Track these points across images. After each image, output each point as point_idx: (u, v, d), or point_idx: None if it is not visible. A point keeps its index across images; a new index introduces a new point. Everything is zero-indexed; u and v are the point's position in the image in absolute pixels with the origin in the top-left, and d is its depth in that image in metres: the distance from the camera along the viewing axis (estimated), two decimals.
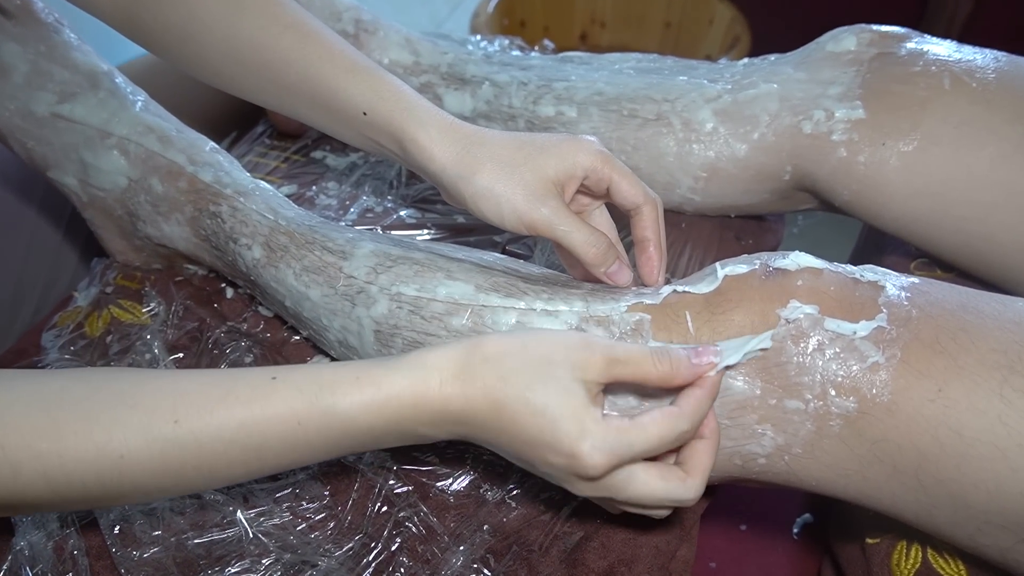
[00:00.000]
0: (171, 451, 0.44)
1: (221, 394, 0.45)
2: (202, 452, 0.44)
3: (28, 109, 0.71)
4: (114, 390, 0.45)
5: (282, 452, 0.46)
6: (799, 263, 0.53)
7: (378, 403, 0.45)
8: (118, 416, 0.44)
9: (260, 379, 0.46)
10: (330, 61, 0.58)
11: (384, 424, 0.46)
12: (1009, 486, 0.46)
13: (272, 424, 0.45)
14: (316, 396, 0.45)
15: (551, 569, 0.56)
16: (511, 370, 0.45)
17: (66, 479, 0.43)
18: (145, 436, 0.43)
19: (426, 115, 0.57)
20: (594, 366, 0.45)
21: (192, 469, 0.45)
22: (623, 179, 0.56)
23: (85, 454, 0.43)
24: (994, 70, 0.66)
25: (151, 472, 0.44)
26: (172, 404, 0.44)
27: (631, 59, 0.84)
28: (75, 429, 0.43)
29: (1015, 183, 0.63)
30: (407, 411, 0.46)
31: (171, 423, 0.44)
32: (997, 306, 0.50)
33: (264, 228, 0.67)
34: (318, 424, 0.45)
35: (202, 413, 0.44)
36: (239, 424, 0.44)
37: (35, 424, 0.43)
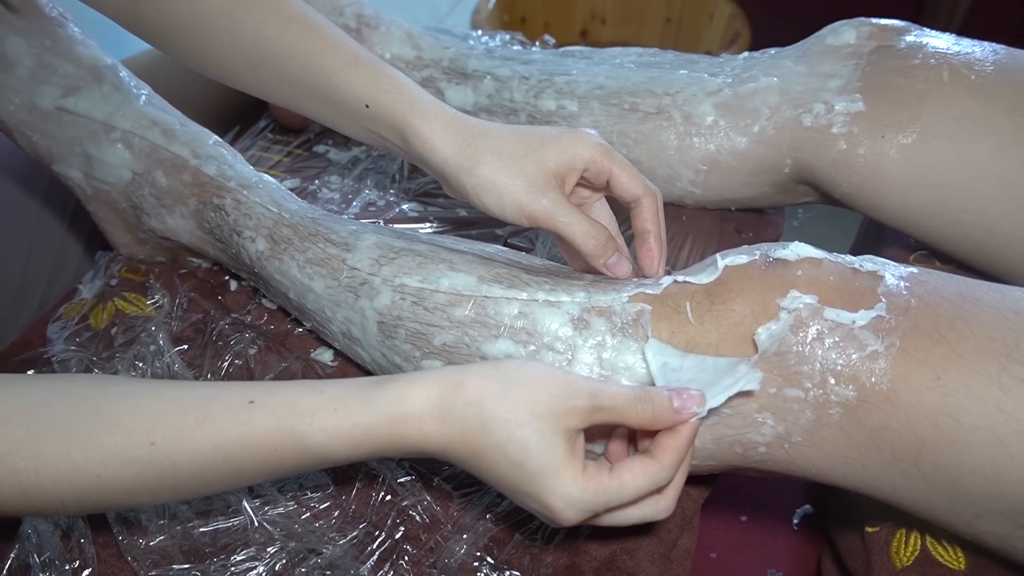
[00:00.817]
0: (147, 472, 0.45)
1: (199, 417, 0.45)
2: (179, 474, 0.45)
3: (33, 103, 0.72)
4: (93, 408, 0.45)
5: (258, 474, 0.47)
6: (799, 253, 0.53)
7: (355, 437, 0.46)
8: (95, 438, 0.44)
9: (238, 403, 0.46)
10: (332, 54, 0.59)
11: (362, 454, 0.47)
12: (1007, 472, 0.46)
13: (248, 450, 0.45)
14: (293, 427, 0.45)
15: (553, 557, 0.57)
16: (493, 418, 0.45)
17: (43, 496, 0.44)
18: (122, 458, 0.44)
19: (428, 108, 0.57)
20: (576, 415, 0.46)
21: (169, 488, 0.46)
22: (623, 172, 0.57)
23: (62, 474, 0.44)
24: (992, 63, 0.66)
25: (127, 490, 0.45)
26: (149, 426, 0.45)
27: (632, 53, 0.84)
28: (53, 448, 0.44)
29: (1013, 175, 0.63)
30: (385, 443, 0.46)
31: (147, 445, 0.44)
32: (995, 295, 0.51)
33: (268, 221, 0.68)
34: (295, 453, 0.46)
35: (179, 437, 0.45)
36: (215, 448, 0.45)
37: (13, 439, 0.43)
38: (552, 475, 0.45)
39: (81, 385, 0.47)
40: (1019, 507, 0.47)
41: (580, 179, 0.58)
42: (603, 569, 0.56)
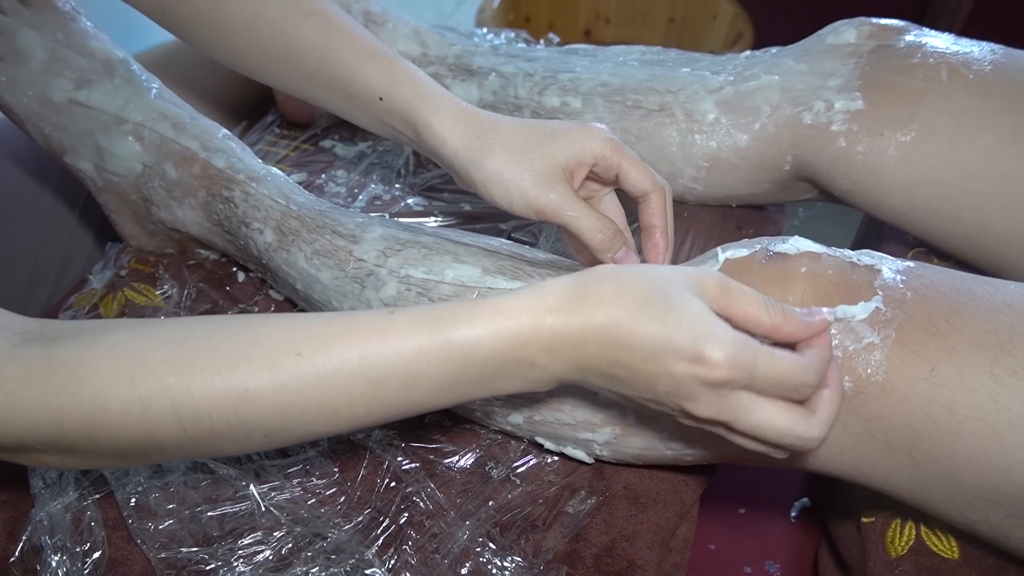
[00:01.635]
0: (294, 384, 0.44)
1: (341, 328, 0.45)
2: (324, 385, 0.44)
3: (45, 95, 0.73)
4: (235, 329, 0.45)
5: (402, 387, 0.45)
6: (798, 247, 0.54)
7: (496, 327, 0.44)
8: (242, 351, 0.44)
9: (378, 314, 0.46)
10: (348, 48, 0.60)
11: (503, 351, 0.44)
12: (999, 462, 0.47)
13: (393, 355, 0.44)
14: (435, 325, 0.44)
15: (554, 543, 0.58)
16: (629, 284, 0.44)
17: (194, 413, 0.43)
18: (269, 369, 0.43)
19: (440, 101, 0.59)
20: (710, 289, 0.44)
21: (315, 405, 0.44)
22: (632, 166, 0.58)
23: (211, 388, 0.43)
24: (990, 62, 0.67)
25: (275, 407, 0.44)
26: (294, 339, 0.44)
27: (635, 51, 0.85)
28: (201, 364, 0.43)
29: (1010, 172, 0.64)
30: (525, 334, 0.44)
31: (294, 356, 0.44)
32: (989, 288, 0.52)
33: (276, 213, 0.69)
34: (438, 353, 0.44)
35: (324, 346, 0.44)
36: (360, 356, 0.44)
37: (162, 358, 0.43)
38: (698, 319, 0.42)
39: (218, 318, 0.48)
40: (1011, 496, 0.48)
41: (589, 173, 0.59)
42: (603, 555, 0.58)
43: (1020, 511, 0.48)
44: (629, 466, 0.62)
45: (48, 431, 0.43)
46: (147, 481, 0.60)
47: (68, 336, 0.45)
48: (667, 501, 0.61)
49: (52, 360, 0.43)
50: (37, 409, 0.42)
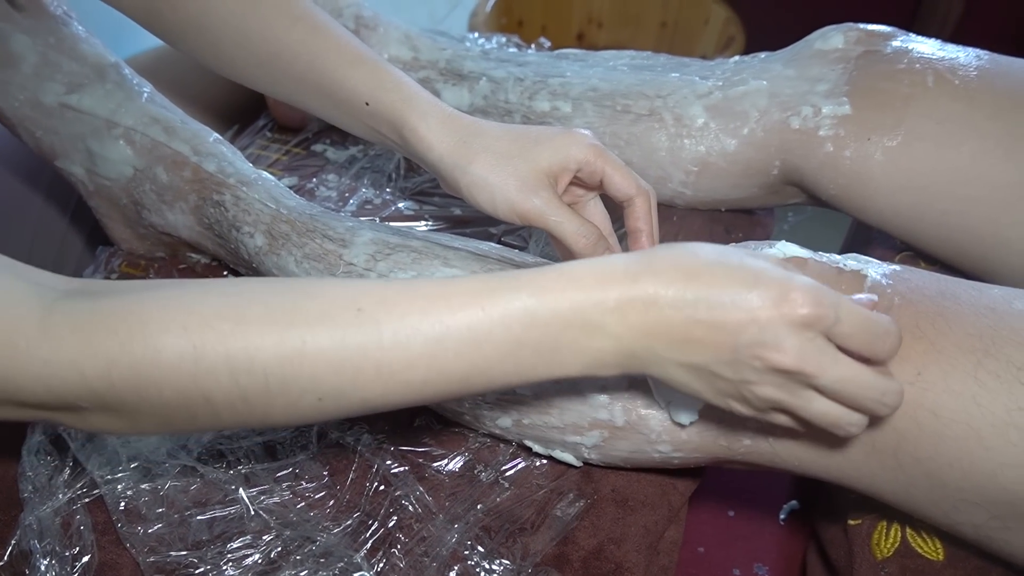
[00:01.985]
0: (353, 339, 0.42)
1: (402, 288, 0.44)
2: (383, 343, 0.42)
3: (37, 99, 0.73)
4: (293, 284, 0.45)
5: (463, 349, 0.43)
6: (785, 252, 0.55)
7: (563, 286, 0.43)
8: (300, 304, 0.43)
9: (439, 279, 0.45)
10: (336, 53, 0.60)
11: (568, 311, 0.43)
12: (982, 464, 0.48)
13: (455, 313, 0.43)
14: (499, 284, 0.43)
15: (542, 546, 0.58)
16: (697, 248, 0.44)
17: (248, 365, 0.42)
18: (328, 322, 0.42)
19: (426, 106, 0.59)
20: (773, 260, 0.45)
21: (372, 365, 0.43)
22: (616, 171, 0.58)
23: (267, 338, 0.41)
24: (976, 68, 0.68)
25: (332, 364, 0.42)
26: (354, 295, 0.43)
27: (625, 56, 0.86)
28: (257, 313, 0.42)
29: (995, 178, 0.65)
30: (592, 295, 0.43)
31: (354, 310, 0.42)
32: (974, 293, 0.52)
33: (266, 216, 0.69)
34: (502, 312, 0.43)
35: (385, 303, 0.43)
36: (421, 313, 0.43)
37: (216, 308, 0.42)
38: (776, 269, 0.43)
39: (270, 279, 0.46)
40: (994, 498, 0.49)
41: (574, 178, 0.59)
42: (591, 558, 0.58)
43: (1003, 513, 0.49)
44: (617, 469, 0.63)
45: (96, 384, 0.41)
46: (136, 485, 0.60)
47: (113, 292, 0.43)
48: (655, 504, 0.62)
49: (99, 311, 0.41)
50: (86, 359, 0.41)
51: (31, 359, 0.40)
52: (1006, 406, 0.47)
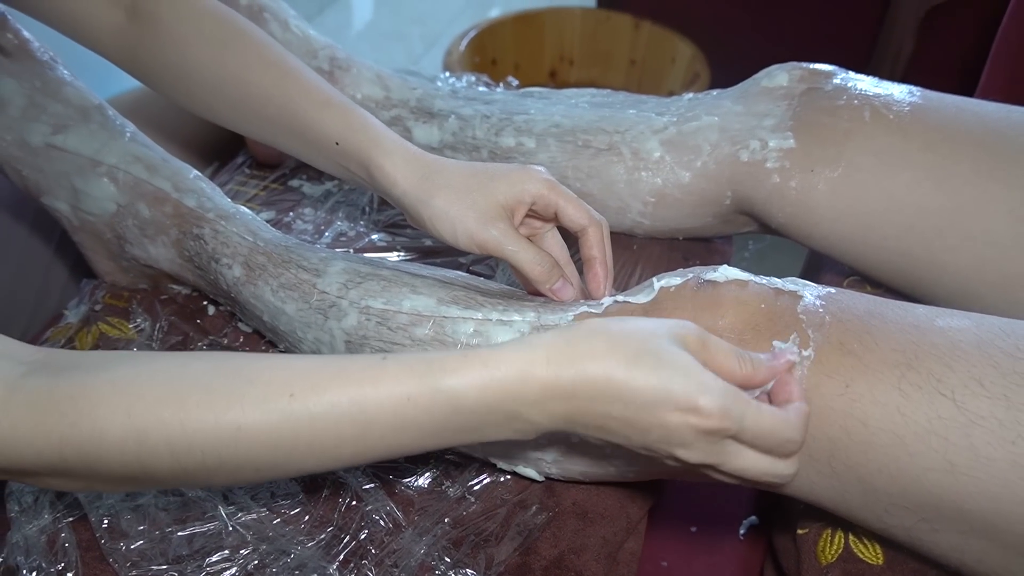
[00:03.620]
0: (286, 424, 0.45)
1: (333, 372, 0.47)
2: (315, 426, 0.46)
3: (24, 139, 0.77)
4: (232, 367, 0.47)
5: (390, 431, 0.47)
6: (727, 275, 0.59)
7: (485, 379, 0.46)
8: (236, 389, 0.46)
9: (370, 360, 0.47)
10: (306, 96, 0.65)
11: (491, 401, 0.46)
12: (908, 469, 0.51)
13: (382, 399, 0.46)
14: (425, 373, 0.46)
15: (506, 556, 0.61)
16: (619, 338, 0.47)
17: (187, 447, 0.45)
18: (262, 408, 0.45)
19: (391, 145, 0.63)
20: (691, 343, 0.48)
21: (304, 445, 0.46)
22: (568, 204, 0.62)
23: (205, 423, 0.45)
24: (909, 104, 0.73)
25: (266, 444, 0.46)
26: (287, 380, 0.46)
27: (586, 94, 0.90)
28: (197, 400, 0.45)
29: (928, 205, 0.69)
30: (514, 387, 0.46)
31: (286, 396, 0.45)
32: (900, 312, 0.57)
33: (244, 249, 0.73)
34: (427, 401, 0.46)
35: (316, 388, 0.46)
36: (350, 400, 0.46)
37: (159, 394, 0.45)
38: (693, 373, 0.46)
39: (218, 355, 0.50)
40: (921, 501, 0.52)
41: (530, 211, 0.63)
42: (552, 567, 0.61)
43: (929, 516, 0.52)
44: (577, 483, 0.66)
45: (50, 458, 0.45)
46: (119, 504, 0.63)
47: (72, 368, 0.47)
48: (614, 516, 0.65)
49: (55, 391, 0.45)
50: (39, 438, 0.45)
51: None
52: (927, 415, 0.51)
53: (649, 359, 0.46)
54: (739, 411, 0.46)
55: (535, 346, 0.47)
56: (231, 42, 0.66)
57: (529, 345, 0.47)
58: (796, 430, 0.48)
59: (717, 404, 0.45)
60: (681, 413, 0.45)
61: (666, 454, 0.49)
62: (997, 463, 0.49)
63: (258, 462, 0.47)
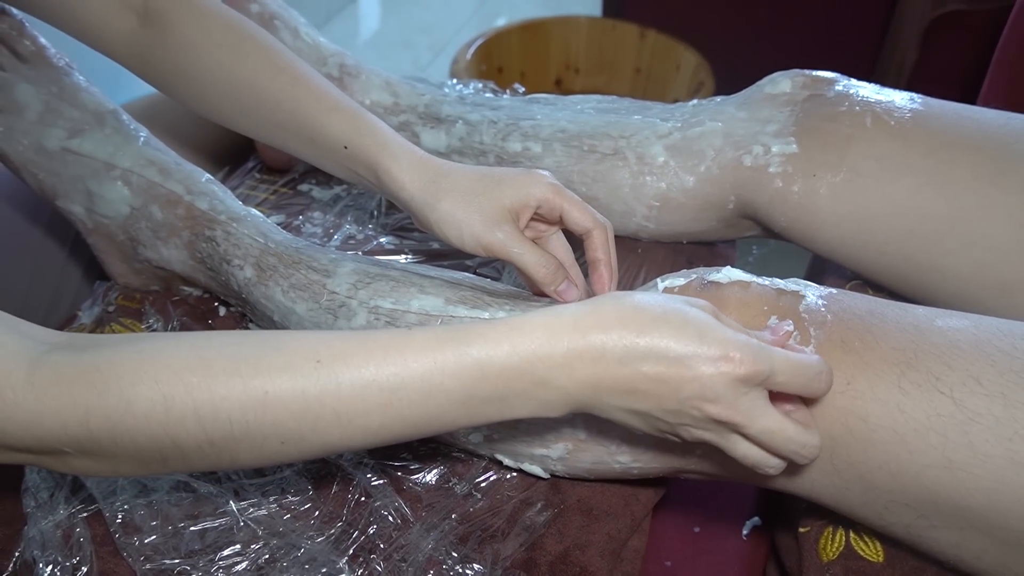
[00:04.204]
0: (312, 389, 0.46)
1: (360, 341, 0.47)
2: (341, 392, 0.46)
3: (40, 144, 0.78)
4: (259, 338, 0.48)
5: (416, 398, 0.47)
6: (730, 276, 0.60)
7: (513, 342, 0.46)
8: (263, 356, 0.46)
9: (397, 331, 0.48)
10: (316, 101, 0.66)
11: (518, 365, 0.46)
12: (907, 467, 0.52)
13: (409, 365, 0.46)
14: (452, 339, 0.47)
15: (512, 551, 0.62)
16: (644, 303, 0.48)
17: (214, 414, 0.45)
18: (288, 373, 0.46)
19: (398, 150, 0.65)
20: (709, 312, 0.49)
21: (331, 412, 0.46)
22: (573, 207, 0.64)
23: (232, 389, 0.45)
24: (910, 111, 0.74)
25: (292, 412, 0.46)
26: (314, 348, 0.47)
27: (592, 100, 0.92)
28: (224, 366, 0.46)
29: (929, 210, 0.70)
30: (542, 350, 0.46)
31: (313, 362, 0.46)
32: (900, 312, 0.58)
33: (255, 250, 0.74)
34: (454, 366, 0.46)
35: (343, 355, 0.46)
36: (377, 365, 0.46)
37: (187, 362, 0.46)
38: (716, 327, 0.47)
39: (242, 332, 0.50)
40: (920, 497, 0.53)
41: (535, 215, 0.65)
42: (557, 563, 0.62)
43: (928, 512, 0.53)
44: (582, 480, 0.67)
45: (76, 432, 0.45)
46: (132, 500, 0.64)
47: (95, 345, 0.47)
48: (618, 513, 0.66)
49: (80, 364, 0.45)
50: (65, 409, 0.45)
51: (18, 408, 0.45)
52: (927, 412, 0.52)
53: (676, 318, 0.47)
54: (768, 355, 0.47)
55: (561, 312, 0.48)
56: (242, 47, 0.68)
57: (555, 311, 0.48)
58: (822, 364, 0.49)
59: (750, 351, 0.46)
60: (714, 362, 0.46)
61: (697, 416, 0.48)
62: (994, 460, 0.50)
63: (284, 431, 0.47)
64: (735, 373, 0.46)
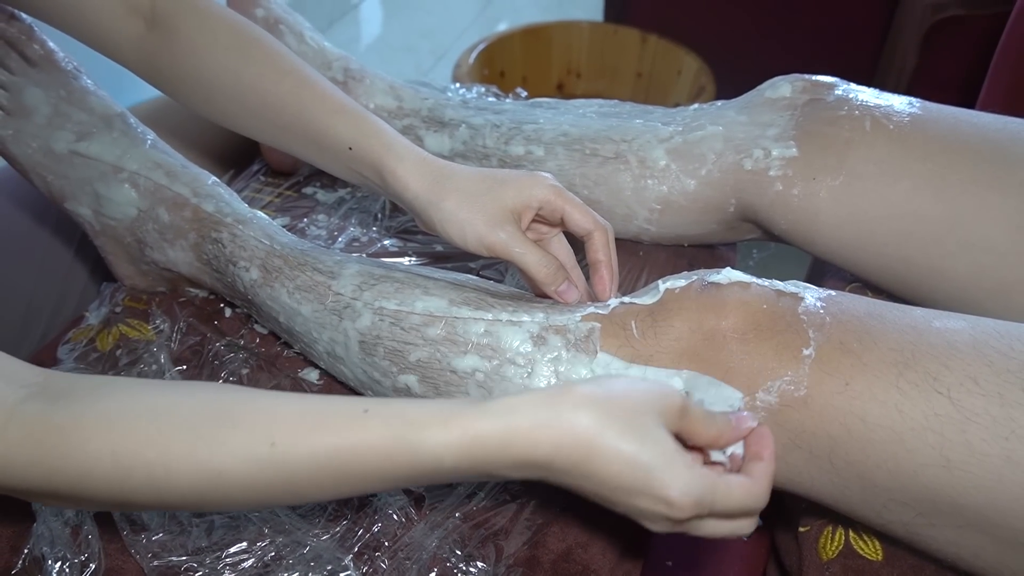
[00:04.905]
0: (265, 471, 0.46)
1: (316, 422, 0.47)
2: (293, 475, 0.47)
3: (49, 147, 0.79)
4: (219, 409, 0.48)
5: (368, 482, 0.48)
6: (730, 278, 0.61)
7: (466, 444, 0.46)
8: (219, 436, 0.47)
9: (354, 411, 0.47)
10: (321, 103, 0.67)
11: (470, 464, 0.46)
12: (906, 465, 0.53)
13: (362, 455, 0.46)
14: (405, 434, 0.46)
15: (515, 550, 0.63)
16: (602, 418, 0.46)
17: (169, 487, 0.47)
18: (243, 455, 0.46)
19: (402, 151, 0.66)
20: (672, 413, 0.48)
21: (282, 489, 0.47)
22: (574, 209, 0.65)
23: (188, 467, 0.46)
24: (909, 115, 0.75)
25: (245, 488, 0.47)
26: (270, 428, 0.47)
27: (594, 104, 0.93)
28: (180, 444, 0.46)
29: (926, 213, 0.71)
30: (494, 454, 0.46)
31: (267, 446, 0.46)
32: (898, 313, 0.58)
33: (261, 252, 0.75)
34: (406, 460, 0.46)
35: (296, 439, 0.46)
36: (330, 452, 0.46)
37: (146, 434, 0.47)
38: (668, 465, 0.45)
39: (207, 390, 0.51)
40: (918, 496, 0.54)
41: (537, 216, 0.66)
42: (560, 560, 0.63)
43: (926, 510, 0.54)
44: None
45: (41, 485, 0.47)
46: None
47: (67, 395, 0.48)
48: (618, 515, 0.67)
49: (48, 423, 0.47)
50: (32, 467, 0.47)
51: None
52: (924, 412, 0.53)
53: (631, 447, 0.45)
54: (710, 500, 0.46)
55: (519, 414, 0.46)
56: (247, 51, 0.68)
57: (512, 412, 0.46)
58: (761, 499, 0.49)
59: (691, 499, 0.45)
60: (653, 500, 0.46)
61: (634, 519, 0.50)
62: (991, 459, 0.51)
63: (237, 501, 0.48)
64: (672, 516, 0.46)
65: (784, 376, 0.56)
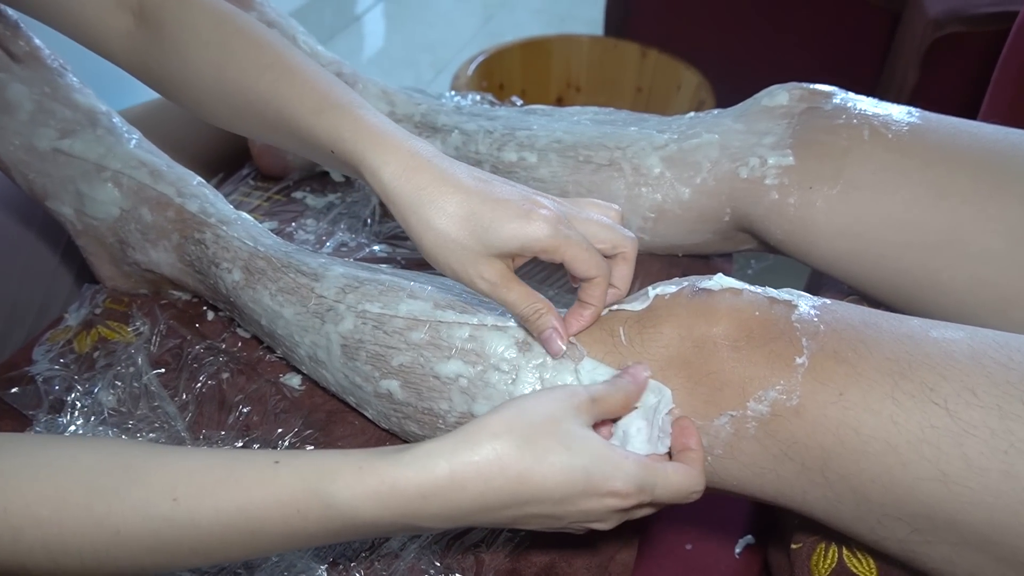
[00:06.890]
0: (167, 530, 0.44)
1: (222, 475, 0.45)
2: (199, 533, 0.44)
3: (31, 144, 0.78)
4: (120, 463, 0.46)
5: (280, 540, 0.46)
6: (722, 283, 0.59)
7: (383, 494, 0.44)
8: (119, 491, 0.44)
9: (262, 463, 0.45)
10: (300, 102, 0.61)
11: (391, 516, 0.45)
12: (901, 479, 0.51)
13: (271, 510, 0.44)
14: (317, 485, 0.44)
15: (497, 562, 0.61)
16: (522, 441, 0.45)
17: (63, 549, 0.44)
18: (143, 513, 0.44)
19: (387, 153, 0.58)
20: (584, 408, 0.49)
21: (188, 549, 0.45)
22: (577, 255, 0.57)
23: (83, 526, 0.44)
24: (907, 124, 0.73)
25: (147, 549, 0.45)
26: (173, 482, 0.44)
27: (588, 112, 0.91)
28: (77, 500, 0.44)
29: (925, 223, 0.70)
30: (415, 502, 0.45)
31: (169, 501, 0.44)
32: (894, 322, 0.57)
33: (244, 253, 0.73)
34: (319, 514, 0.45)
35: (201, 494, 0.44)
36: (238, 508, 0.44)
37: (40, 491, 0.44)
38: (603, 461, 0.47)
39: (110, 444, 0.48)
40: (913, 511, 0.52)
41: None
42: (542, 574, 0.61)
43: (922, 527, 0.52)
44: None
45: None
46: None
47: None
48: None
49: None
50: None
51: None
52: (920, 424, 0.51)
53: (562, 458, 0.46)
54: (651, 483, 0.48)
55: (435, 456, 0.45)
56: (229, 45, 0.64)
57: (427, 455, 0.45)
58: (699, 481, 0.51)
59: (633, 483, 0.47)
60: (599, 498, 0.47)
61: (580, 531, 0.51)
62: (989, 473, 0.49)
63: (140, 563, 0.46)
64: (619, 506, 0.48)
65: (776, 385, 0.55)
